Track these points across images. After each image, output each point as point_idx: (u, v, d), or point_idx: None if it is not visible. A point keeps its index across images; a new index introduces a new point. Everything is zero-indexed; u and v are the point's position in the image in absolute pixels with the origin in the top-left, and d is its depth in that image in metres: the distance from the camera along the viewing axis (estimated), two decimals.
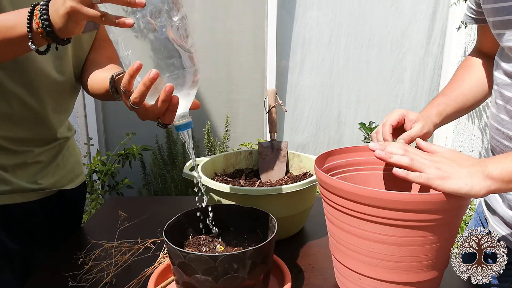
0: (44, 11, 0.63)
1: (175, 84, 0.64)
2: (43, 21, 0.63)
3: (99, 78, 0.91)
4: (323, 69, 2.70)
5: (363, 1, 2.58)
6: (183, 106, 0.68)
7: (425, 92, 2.79)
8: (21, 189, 0.92)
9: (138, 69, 0.62)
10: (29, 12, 0.65)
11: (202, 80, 2.66)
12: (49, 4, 0.64)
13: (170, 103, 0.64)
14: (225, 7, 2.55)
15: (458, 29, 2.47)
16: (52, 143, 0.98)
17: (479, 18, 0.90)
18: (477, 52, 1.00)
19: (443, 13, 2.65)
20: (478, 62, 0.97)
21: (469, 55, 1.02)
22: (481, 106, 2.69)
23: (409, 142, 0.82)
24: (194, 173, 0.79)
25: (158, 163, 2.58)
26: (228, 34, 2.59)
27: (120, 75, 0.81)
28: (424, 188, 0.77)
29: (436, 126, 0.89)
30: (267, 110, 1.17)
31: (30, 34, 0.66)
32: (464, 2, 2.39)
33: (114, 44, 0.66)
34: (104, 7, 0.61)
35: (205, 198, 0.79)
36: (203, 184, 0.79)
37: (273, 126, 1.18)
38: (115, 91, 0.82)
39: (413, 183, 0.83)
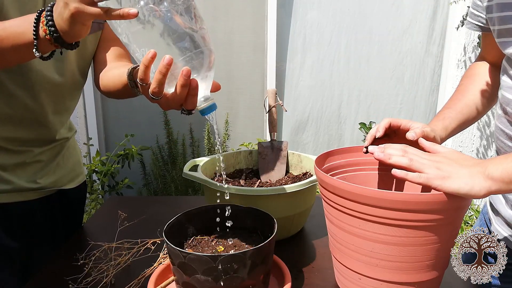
0: (49, 17, 0.63)
1: (191, 67, 0.62)
2: (49, 27, 0.63)
3: (115, 75, 0.89)
4: (323, 69, 2.70)
5: (363, 0, 2.58)
6: (203, 89, 0.66)
7: (425, 92, 2.79)
8: (21, 188, 0.92)
9: (152, 58, 0.60)
10: (35, 19, 0.65)
11: None
12: (53, 10, 0.63)
13: (190, 87, 0.63)
14: (225, 7, 2.55)
15: (457, 28, 2.47)
16: (52, 143, 0.98)
17: (486, 26, 0.89)
18: (482, 60, 0.99)
19: (443, 13, 2.65)
20: (482, 70, 0.96)
21: (473, 62, 1.01)
22: None
23: (421, 135, 0.79)
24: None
25: (158, 163, 2.58)
26: (228, 34, 2.59)
27: (137, 68, 0.79)
28: (426, 188, 0.77)
29: (443, 140, 0.87)
30: (267, 110, 1.17)
31: (36, 41, 0.66)
32: (463, 0, 2.39)
33: (123, 42, 0.66)
34: (105, 3, 0.61)
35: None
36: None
37: (273, 126, 1.18)
38: (134, 85, 0.80)
39: (413, 184, 0.83)
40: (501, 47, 0.79)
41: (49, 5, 0.65)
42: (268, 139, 1.21)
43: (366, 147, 0.81)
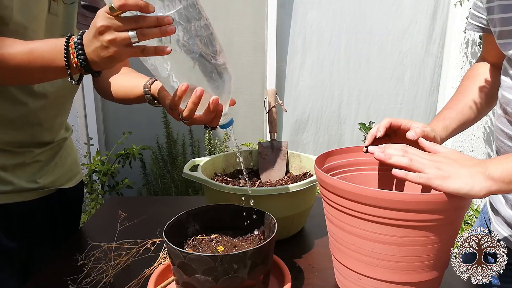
0: (80, 51, 0.66)
1: (217, 93, 0.70)
2: (81, 61, 0.67)
3: (126, 87, 0.94)
4: (323, 69, 2.70)
5: (363, 0, 2.58)
6: (224, 107, 0.74)
7: (425, 92, 2.79)
8: (21, 188, 0.92)
9: (185, 91, 0.68)
10: (64, 49, 0.68)
11: None
12: (83, 43, 0.66)
13: (217, 111, 0.71)
14: (225, 7, 2.55)
15: (465, 30, 2.45)
16: (52, 144, 0.99)
17: (487, 27, 0.89)
18: (483, 60, 0.99)
19: (444, 13, 2.65)
20: (483, 71, 0.96)
21: (474, 63, 1.01)
22: None
23: (421, 135, 0.79)
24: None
25: (158, 163, 2.58)
26: (228, 34, 2.59)
27: (153, 82, 0.86)
28: (426, 189, 0.77)
29: (443, 140, 0.87)
30: (267, 110, 1.17)
31: (68, 70, 0.70)
32: (465, 2, 2.38)
33: (152, 70, 0.71)
34: None
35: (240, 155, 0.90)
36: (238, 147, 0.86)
37: (273, 126, 1.18)
38: (151, 99, 0.86)
39: (413, 184, 0.83)
40: (502, 48, 0.79)
41: (79, 34, 0.67)
42: (268, 139, 1.21)
43: (367, 147, 0.81)
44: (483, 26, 0.90)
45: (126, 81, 0.95)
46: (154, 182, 2.61)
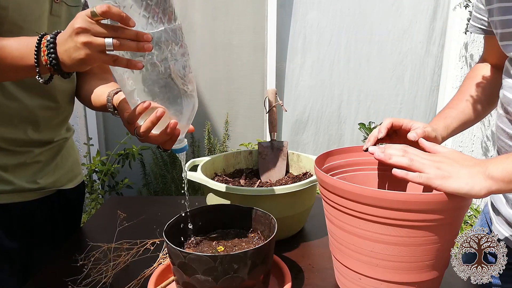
0: (52, 50, 0.66)
1: (177, 118, 0.70)
2: (51, 59, 0.66)
3: (97, 93, 0.95)
4: (323, 69, 2.70)
5: (363, 0, 2.58)
6: (182, 133, 0.73)
7: (425, 92, 2.78)
8: (21, 188, 0.92)
9: (146, 108, 0.67)
10: (36, 46, 0.67)
11: (202, 80, 2.66)
12: (56, 42, 0.66)
13: (173, 134, 0.70)
14: (225, 7, 2.55)
15: (466, 32, 2.44)
16: (52, 144, 0.99)
17: (488, 29, 0.89)
18: (484, 62, 0.99)
19: (444, 13, 2.65)
20: (484, 72, 0.96)
21: (476, 64, 1.01)
22: None
23: (422, 135, 0.79)
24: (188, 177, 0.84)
25: (158, 163, 2.58)
26: (228, 34, 2.59)
27: (117, 92, 0.86)
28: (428, 189, 0.77)
29: (444, 139, 0.87)
30: (267, 110, 1.17)
31: (37, 68, 0.69)
32: (466, 7, 2.38)
33: (118, 81, 0.70)
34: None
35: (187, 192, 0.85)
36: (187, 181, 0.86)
37: (273, 126, 1.18)
38: (113, 108, 0.86)
39: (414, 184, 0.83)
40: (505, 50, 0.79)
41: (53, 33, 0.67)
42: (268, 139, 1.21)
43: (367, 148, 0.81)
44: (484, 28, 0.91)
45: (101, 88, 0.96)
46: (154, 182, 2.61)
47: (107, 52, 0.62)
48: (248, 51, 2.63)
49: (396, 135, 0.85)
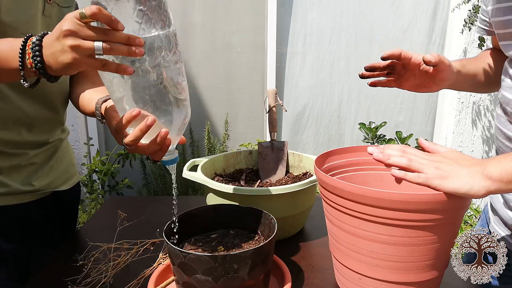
0: (37, 52, 0.62)
1: (168, 127, 0.66)
2: (36, 62, 0.62)
3: (86, 98, 0.92)
4: (323, 69, 2.70)
5: (363, 0, 2.58)
6: (172, 144, 0.71)
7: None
8: (16, 191, 0.91)
9: (135, 116, 0.63)
10: (20, 49, 0.64)
11: (202, 80, 2.66)
12: (43, 44, 0.62)
13: (163, 144, 0.67)
14: (225, 7, 2.55)
15: (462, 32, 2.45)
16: (47, 145, 0.98)
17: (491, 30, 0.90)
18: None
19: (444, 13, 2.65)
20: (493, 54, 0.98)
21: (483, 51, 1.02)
22: (481, 106, 2.69)
23: (438, 59, 0.79)
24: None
25: (158, 163, 2.58)
26: (228, 34, 2.59)
27: (106, 100, 0.83)
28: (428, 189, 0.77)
29: (457, 73, 0.87)
30: (267, 110, 1.17)
31: (22, 71, 0.65)
32: (465, 4, 2.38)
33: (107, 87, 0.67)
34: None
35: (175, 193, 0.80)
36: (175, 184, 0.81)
37: (273, 126, 1.18)
38: (100, 116, 0.83)
39: (414, 184, 0.83)
40: (504, 49, 0.80)
41: (39, 35, 0.64)
42: (268, 139, 1.21)
43: (366, 68, 0.82)
44: (488, 28, 0.92)
45: (90, 93, 0.93)
46: (154, 182, 2.61)
47: (96, 57, 0.59)
48: (248, 51, 2.63)
49: (405, 71, 0.85)
